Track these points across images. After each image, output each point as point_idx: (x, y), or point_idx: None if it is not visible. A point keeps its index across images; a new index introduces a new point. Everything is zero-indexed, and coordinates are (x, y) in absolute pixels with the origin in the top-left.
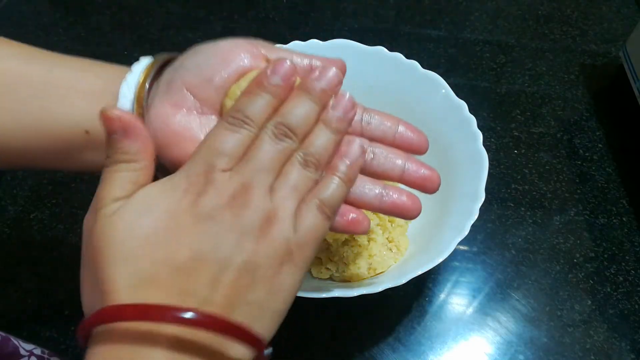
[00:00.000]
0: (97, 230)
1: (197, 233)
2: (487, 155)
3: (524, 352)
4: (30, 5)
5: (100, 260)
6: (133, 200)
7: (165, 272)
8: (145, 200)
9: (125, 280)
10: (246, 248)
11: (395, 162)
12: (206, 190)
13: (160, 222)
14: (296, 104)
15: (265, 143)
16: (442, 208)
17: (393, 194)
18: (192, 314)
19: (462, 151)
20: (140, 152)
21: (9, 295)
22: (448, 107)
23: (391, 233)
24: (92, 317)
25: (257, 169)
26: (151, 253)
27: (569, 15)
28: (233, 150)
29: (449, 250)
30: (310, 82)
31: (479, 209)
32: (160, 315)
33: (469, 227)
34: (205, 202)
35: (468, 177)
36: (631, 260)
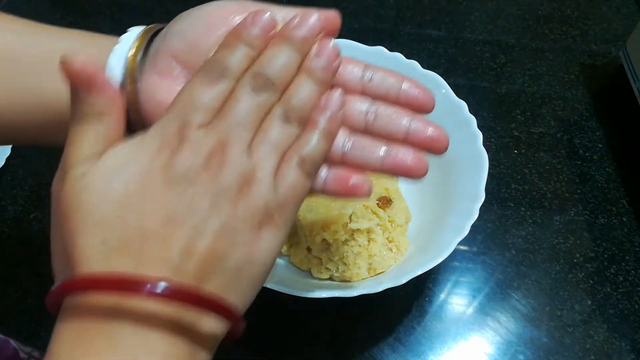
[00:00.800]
0: (65, 193)
1: (171, 196)
2: (487, 155)
3: (524, 352)
4: (30, 5)
5: (69, 227)
6: (103, 161)
7: (137, 239)
8: (115, 160)
9: (95, 248)
10: (223, 211)
11: (400, 121)
12: (180, 149)
13: (132, 184)
14: (275, 53)
15: (242, 96)
16: (442, 208)
17: (396, 152)
18: (163, 285)
19: (462, 151)
20: (109, 105)
21: (9, 295)
22: (448, 107)
23: (391, 233)
24: (59, 287)
25: (234, 124)
26: (122, 218)
27: (569, 15)
28: (209, 105)
29: (449, 250)
30: (290, 29)
31: (479, 209)
32: (128, 287)
33: (469, 227)
34: (179, 162)
35: (468, 177)
36: (631, 260)
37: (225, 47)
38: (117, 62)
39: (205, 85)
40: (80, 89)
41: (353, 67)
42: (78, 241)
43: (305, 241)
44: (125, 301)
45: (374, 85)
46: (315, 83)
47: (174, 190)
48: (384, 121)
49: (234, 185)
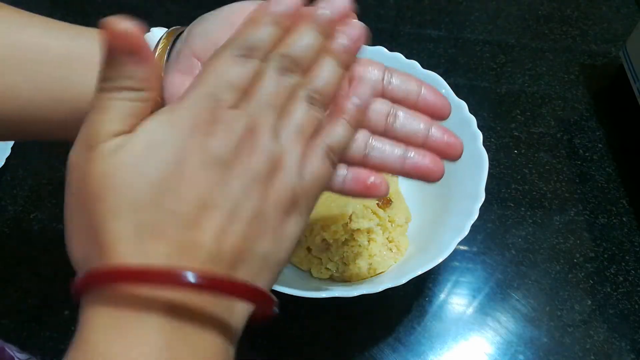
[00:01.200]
0: (95, 170)
1: (205, 180)
2: (487, 155)
3: (524, 352)
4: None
5: (100, 207)
6: (136, 139)
7: (172, 224)
8: (150, 138)
9: (128, 233)
10: (254, 196)
11: (419, 126)
12: (214, 131)
13: (168, 166)
14: (301, 35)
15: (269, 78)
16: (442, 208)
17: (415, 155)
18: (195, 277)
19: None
20: (148, 79)
21: (9, 295)
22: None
23: (391, 233)
24: (87, 277)
25: (263, 106)
26: (158, 202)
27: (569, 15)
28: (238, 83)
29: (449, 250)
30: (316, 10)
31: (479, 209)
32: (162, 279)
33: (469, 227)
34: (214, 144)
35: (468, 177)
36: (631, 260)
37: (251, 25)
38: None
39: (234, 63)
40: (120, 54)
41: (373, 68)
42: (110, 225)
43: (305, 241)
44: (160, 291)
45: (394, 88)
46: (338, 65)
47: (209, 174)
48: (404, 124)
49: (264, 171)
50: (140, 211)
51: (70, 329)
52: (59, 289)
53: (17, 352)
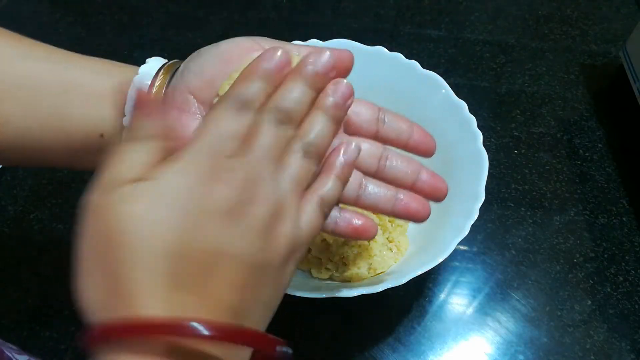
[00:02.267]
0: (114, 216)
1: (216, 230)
2: (487, 155)
3: (524, 352)
4: (30, 5)
5: (122, 256)
6: (155, 187)
7: (189, 273)
8: (166, 186)
9: (156, 283)
10: (260, 246)
11: (409, 170)
12: (219, 180)
13: (184, 214)
14: (290, 88)
15: (266, 129)
16: (442, 208)
17: (405, 198)
18: (212, 329)
19: (462, 151)
20: (164, 132)
21: (9, 295)
22: (448, 107)
23: (391, 233)
24: (110, 328)
25: (261, 157)
26: (179, 252)
27: (569, 15)
28: (237, 134)
29: (449, 250)
30: (303, 65)
31: (479, 209)
32: (186, 331)
33: (469, 227)
34: (220, 194)
35: (468, 177)
36: (631, 260)
37: (243, 81)
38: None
39: (232, 116)
40: (145, 113)
41: (367, 109)
42: (135, 274)
43: None
44: (178, 342)
45: (387, 129)
46: (329, 119)
47: (218, 225)
48: (395, 167)
49: (267, 220)
50: (166, 261)
51: (70, 329)
52: (59, 289)
53: (16, 354)
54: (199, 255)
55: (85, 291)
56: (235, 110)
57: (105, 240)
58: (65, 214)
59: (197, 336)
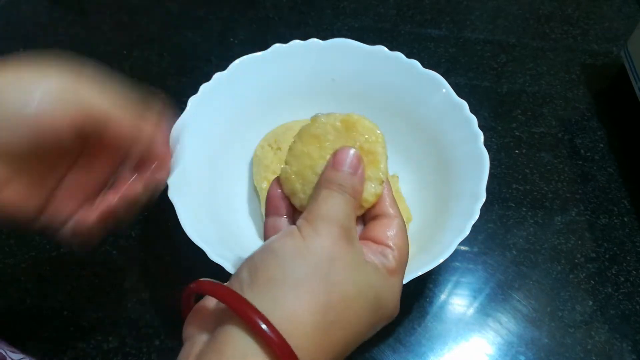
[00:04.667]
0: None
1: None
2: (488, 155)
3: (525, 353)
4: (29, 5)
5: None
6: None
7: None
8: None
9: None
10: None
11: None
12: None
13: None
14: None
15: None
16: (443, 208)
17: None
18: (268, 330)
19: (463, 151)
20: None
21: (9, 295)
22: (449, 106)
23: None
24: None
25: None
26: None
27: (570, 15)
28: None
29: (450, 251)
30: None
31: (479, 209)
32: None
33: (469, 227)
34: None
35: (469, 177)
36: (632, 261)
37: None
38: None
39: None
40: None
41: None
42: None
43: None
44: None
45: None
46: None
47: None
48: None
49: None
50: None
51: (70, 329)
52: (58, 289)
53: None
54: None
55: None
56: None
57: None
58: None
59: (256, 329)
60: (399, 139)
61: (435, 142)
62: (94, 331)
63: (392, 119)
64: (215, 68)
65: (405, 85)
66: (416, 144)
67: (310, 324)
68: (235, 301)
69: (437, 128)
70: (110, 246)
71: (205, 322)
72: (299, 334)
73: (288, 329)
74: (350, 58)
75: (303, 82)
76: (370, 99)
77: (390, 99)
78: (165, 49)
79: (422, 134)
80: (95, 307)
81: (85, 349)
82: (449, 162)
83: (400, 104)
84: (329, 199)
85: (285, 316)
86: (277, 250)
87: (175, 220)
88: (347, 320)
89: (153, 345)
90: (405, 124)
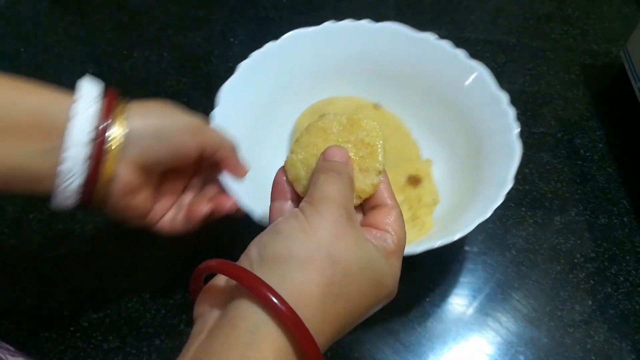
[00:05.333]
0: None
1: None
2: (520, 147)
3: (524, 353)
4: (30, 5)
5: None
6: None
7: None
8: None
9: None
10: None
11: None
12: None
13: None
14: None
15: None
16: (470, 194)
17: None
18: (279, 303)
19: (497, 140)
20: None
21: (8, 295)
22: (488, 97)
23: (416, 211)
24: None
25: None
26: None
27: (569, 15)
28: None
29: (469, 229)
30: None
31: (504, 195)
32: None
33: (492, 210)
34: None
35: (499, 164)
36: (632, 261)
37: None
38: (84, 130)
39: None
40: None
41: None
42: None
43: None
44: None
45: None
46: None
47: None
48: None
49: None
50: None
51: (70, 329)
52: (58, 289)
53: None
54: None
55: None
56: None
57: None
58: (65, 214)
59: (269, 303)
60: (436, 125)
61: (471, 131)
62: (94, 331)
63: (430, 106)
64: (215, 68)
65: (448, 73)
66: (452, 132)
67: (316, 297)
68: (245, 277)
69: (474, 117)
70: (110, 246)
71: (216, 300)
72: (306, 306)
73: (296, 302)
74: (398, 42)
75: (349, 61)
76: (412, 84)
77: (430, 86)
78: (165, 49)
79: (459, 122)
80: (95, 307)
81: (85, 349)
82: (482, 151)
83: (441, 91)
84: (327, 183)
85: (293, 290)
86: (283, 230)
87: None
88: (349, 293)
89: (153, 345)
90: (443, 111)
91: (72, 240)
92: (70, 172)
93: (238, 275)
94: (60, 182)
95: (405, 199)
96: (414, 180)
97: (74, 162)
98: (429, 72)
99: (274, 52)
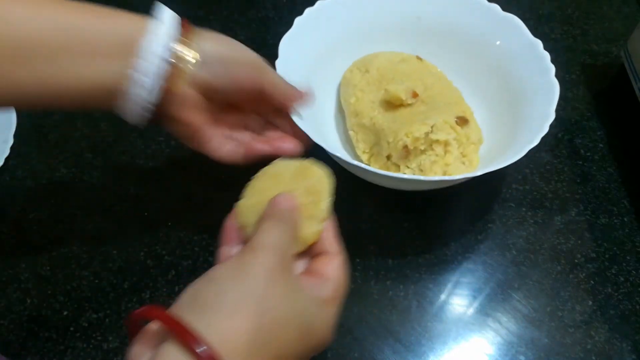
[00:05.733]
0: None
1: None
2: (558, 85)
3: (524, 353)
4: None
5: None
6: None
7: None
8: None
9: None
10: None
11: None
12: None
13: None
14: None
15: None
16: (511, 132)
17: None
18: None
19: (535, 82)
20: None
21: (8, 295)
22: (524, 45)
23: (465, 149)
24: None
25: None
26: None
27: (569, 15)
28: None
29: (520, 155)
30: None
31: (548, 127)
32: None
33: (539, 139)
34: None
35: (539, 102)
36: (632, 261)
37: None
38: (159, 48)
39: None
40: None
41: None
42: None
43: (386, 148)
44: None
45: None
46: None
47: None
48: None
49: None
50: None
51: (70, 329)
52: (58, 290)
53: None
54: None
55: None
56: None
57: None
58: (65, 214)
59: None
60: (474, 76)
61: (509, 78)
62: (94, 331)
63: (468, 58)
64: None
65: (484, 26)
66: (489, 80)
67: (242, 343)
68: (172, 323)
69: (511, 65)
70: (111, 246)
71: (150, 342)
72: (232, 352)
73: (221, 349)
74: (434, 3)
75: (392, 18)
76: (450, 38)
77: (468, 39)
78: None
79: (496, 71)
80: (95, 307)
81: (85, 349)
82: (520, 94)
83: (477, 43)
84: (269, 230)
85: (219, 338)
86: (215, 277)
87: (175, 220)
88: (278, 340)
89: None
90: (480, 62)
91: (72, 240)
92: (144, 86)
93: (167, 321)
94: (133, 95)
95: (456, 137)
96: (462, 121)
97: (149, 77)
98: (465, 26)
99: (325, 9)
